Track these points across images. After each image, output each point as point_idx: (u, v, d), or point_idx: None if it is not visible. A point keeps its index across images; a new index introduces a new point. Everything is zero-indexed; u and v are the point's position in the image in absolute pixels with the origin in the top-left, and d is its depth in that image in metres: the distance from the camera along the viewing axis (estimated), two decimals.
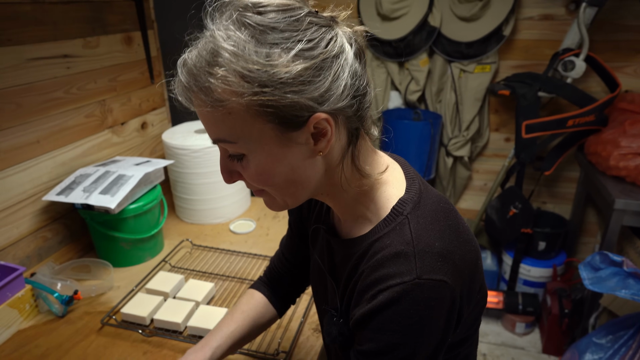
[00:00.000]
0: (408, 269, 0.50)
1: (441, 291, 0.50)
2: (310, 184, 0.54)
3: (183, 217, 1.48)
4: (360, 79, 0.51)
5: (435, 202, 0.57)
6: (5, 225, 1.09)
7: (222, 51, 0.46)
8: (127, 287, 1.14)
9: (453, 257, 0.52)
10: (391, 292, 0.50)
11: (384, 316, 0.50)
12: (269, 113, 0.47)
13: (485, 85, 2.08)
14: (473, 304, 0.56)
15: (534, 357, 1.97)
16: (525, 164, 2.00)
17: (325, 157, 0.53)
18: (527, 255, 2.11)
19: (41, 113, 1.15)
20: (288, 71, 0.46)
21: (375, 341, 0.52)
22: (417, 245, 0.51)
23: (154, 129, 1.58)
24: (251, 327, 0.80)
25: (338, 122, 0.51)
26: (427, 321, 0.50)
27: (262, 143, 0.49)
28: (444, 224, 0.54)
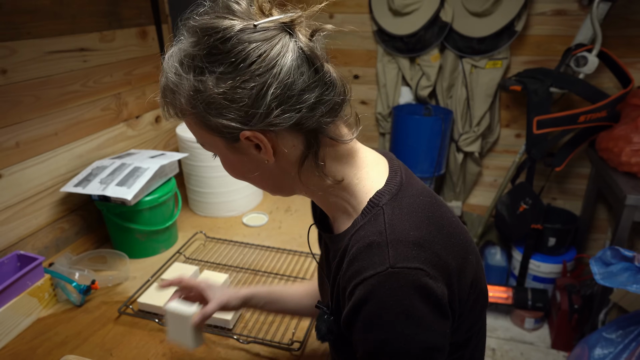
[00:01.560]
0: (381, 259, 0.49)
1: (419, 279, 0.48)
2: (273, 183, 0.59)
3: (196, 210, 1.50)
4: (303, 92, 0.50)
5: (415, 195, 0.56)
6: (24, 216, 1.11)
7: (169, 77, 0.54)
8: (142, 278, 1.16)
9: (432, 247, 0.50)
10: (366, 286, 0.49)
11: (365, 313, 0.49)
12: (210, 129, 0.54)
13: (497, 81, 2.08)
14: (466, 300, 0.54)
15: (543, 353, 1.97)
16: (536, 160, 2.00)
17: (279, 163, 0.56)
18: (537, 251, 2.11)
19: (59, 106, 1.17)
20: (211, 94, 0.50)
21: (366, 341, 0.51)
22: (390, 235, 0.50)
23: (168, 123, 1.60)
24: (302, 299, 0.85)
25: (277, 134, 0.53)
26: (411, 311, 0.48)
27: (218, 149, 0.57)
28: (422, 215, 0.53)
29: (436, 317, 0.50)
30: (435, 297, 0.49)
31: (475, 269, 0.56)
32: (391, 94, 2.26)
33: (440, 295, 0.49)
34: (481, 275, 0.58)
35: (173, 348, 0.94)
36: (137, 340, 0.96)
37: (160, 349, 0.94)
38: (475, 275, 0.56)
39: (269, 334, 0.97)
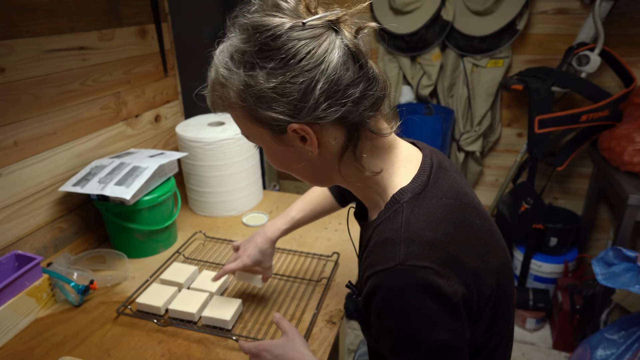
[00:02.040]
0: (392, 255, 0.52)
1: (426, 277, 0.49)
2: (315, 174, 0.62)
3: (196, 209, 1.49)
4: (348, 87, 0.52)
5: (439, 197, 0.57)
6: (22, 215, 1.11)
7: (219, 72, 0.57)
8: (141, 278, 1.16)
9: (447, 248, 0.51)
10: (376, 279, 0.52)
11: (375, 302, 0.53)
12: (258, 121, 0.56)
13: (498, 80, 2.07)
14: (487, 301, 0.55)
15: (544, 353, 1.97)
16: (537, 160, 1.99)
17: (322, 155, 0.59)
18: (538, 251, 2.10)
19: (57, 105, 1.17)
20: (260, 89, 0.53)
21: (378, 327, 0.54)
22: (404, 233, 0.53)
23: (168, 121, 1.59)
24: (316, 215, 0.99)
25: (322, 127, 0.55)
26: (415, 308, 0.49)
27: (264, 141, 0.60)
28: (440, 216, 0.55)
29: (447, 315, 0.51)
30: (444, 295, 0.50)
31: (498, 271, 0.57)
32: (392, 93, 2.25)
33: (451, 294, 0.50)
34: (507, 278, 0.59)
35: (172, 349, 0.94)
36: (135, 340, 0.96)
37: (158, 350, 0.93)
38: (498, 278, 0.56)
39: (268, 334, 0.96)
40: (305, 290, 1.09)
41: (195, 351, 0.93)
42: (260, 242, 0.95)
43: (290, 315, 1.02)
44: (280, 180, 2.64)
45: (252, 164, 1.47)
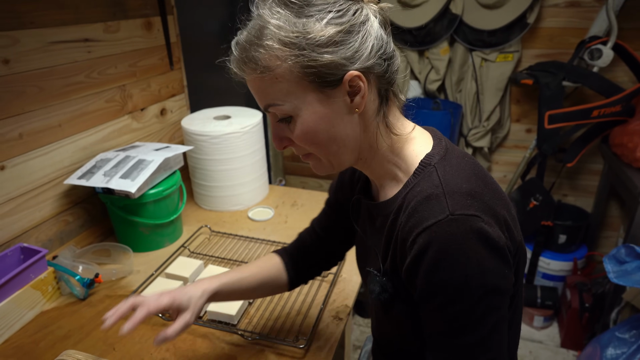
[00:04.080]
0: (440, 208, 0.54)
1: (477, 224, 0.52)
2: (349, 141, 0.60)
3: (201, 203, 1.48)
4: (386, 44, 0.58)
5: (461, 157, 0.62)
6: (28, 208, 1.10)
7: (268, 25, 0.55)
8: (146, 272, 1.15)
9: (483, 198, 0.55)
10: (429, 233, 0.53)
11: (428, 259, 0.53)
12: (309, 73, 0.55)
13: (507, 74, 2.04)
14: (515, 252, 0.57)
15: (552, 351, 1.94)
16: (547, 156, 1.96)
17: (361, 115, 0.60)
18: (547, 249, 2.07)
19: (63, 97, 1.16)
20: (322, 35, 0.54)
21: (429, 284, 0.54)
22: (446, 187, 0.56)
23: (173, 115, 1.58)
24: (260, 283, 0.84)
25: (370, 81, 0.58)
26: (471, 254, 0.51)
27: (306, 102, 0.57)
28: (469, 171, 0.59)
29: (496, 260, 0.53)
30: (493, 240, 0.52)
31: (517, 223, 0.60)
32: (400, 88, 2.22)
33: (498, 239, 0.53)
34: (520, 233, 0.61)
35: (176, 343, 0.93)
36: (140, 335, 0.95)
37: (163, 344, 0.92)
38: (518, 230, 0.60)
39: (274, 330, 0.95)
40: (311, 286, 1.08)
41: (201, 346, 0.92)
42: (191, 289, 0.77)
43: (296, 310, 1.01)
44: (286, 175, 2.63)
45: (258, 158, 1.46)
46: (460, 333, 0.55)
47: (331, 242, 0.88)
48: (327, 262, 0.92)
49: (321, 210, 0.90)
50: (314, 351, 0.91)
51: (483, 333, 0.54)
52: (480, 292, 0.52)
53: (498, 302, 0.54)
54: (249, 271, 0.84)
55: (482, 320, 0.54)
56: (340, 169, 0.65)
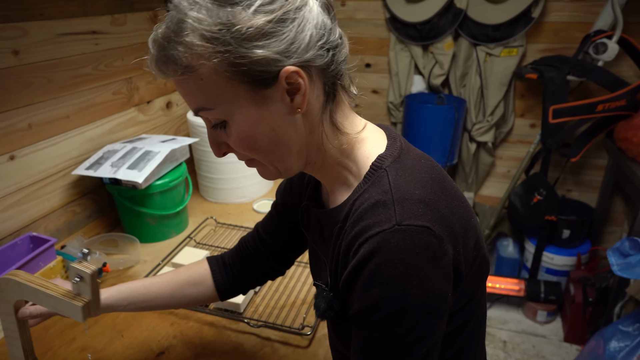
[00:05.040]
0: (387, 217, 0.48)
1: (425, 237, 0.47)
2: (293, 145, 0.54)
3: (207, 196, 1.49)
4: (330, 32, 0.51)
5: (417, 158, 0.56)
6: (36, 198, 1.12)
7: (186, 18, 0.47)
8: (153, 262, 1.16)
9: (437, 206, 0.50)
10: (371, 243, 0.48)
11: (368, 270, 0.48)
12: (238, 73, 0.47)
13: (512, 69, 2.04)
14: (470, 264, 0.53)
15: (555, 346, 1.95)
16: (551, 150, 1.96)
17: (305, 115, 0.53)
18: (551, 243, 2.08)
19: (71, 88, 1.17)
20: (250, 26, 0.46)
21: (364, 300, 0.49)
22: (396, 193, 0.50)
23: (179, 108, 1.59)
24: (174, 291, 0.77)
25: (312, 75, 0.51)
26: (414, 270, 0.46)
27: (239, 105, 0.50)
28: (426, 176, 0.53)
29: (439, 279, 0.48)
30: (439, 257, 0.48)
31: (477, 232, 0.55)
32: (403, 83, 2.23)
33: (445, 256, 0.48)
34: (482, 244, 0.56)
35: (183, 331, 0.94)
36: (147, 322, 0.96)
37: (170, 331, 0.94)
38: (477, 239, 0.54)
39: (279, 318, 0.96)
40: None
41: (207, 333, 0.93)
42: None
43: (301, 300, 1.02)
44: None
45: None
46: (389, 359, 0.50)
47: (277, 247, 0.79)
48: (272, 269, 0.82)
49: (267, 214, 0.82)
50: (319, 339, 0.92)
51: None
52: (418, 316, 0.47)
53: (434, 327, 0.49)
54: (162, 277, 0.77)
55: (414, 348, 0.49)
56: (289, 175, 0.58)
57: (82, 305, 0.63)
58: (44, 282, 0.67)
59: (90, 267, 0.63)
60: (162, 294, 0.76)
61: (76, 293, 0.65)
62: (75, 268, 0.63)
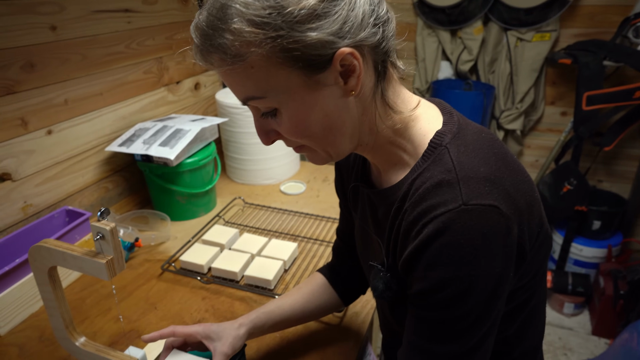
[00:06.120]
0: (452, 196, 0.46)
1: (493, 217, 0.45)
2: (346, 129, 0.52)
3: (234, 177, 1.50)
4: (378, 5, 0.48)
5: (477, 132, 0.53)
6: (72, 172, 1.14)
7: (231, 3, 0.44)
8: (184, 239, 1.17)
9: (503, 184, 0.47)
10: (437, 223, 0.46)
11: (432, 250, 0.46)
12: (291, 58, 0.45)
13: (544, 54, 1.98)
14: (534, 241, 0.51)
15: (582, 339, 1.90)
16: (583, 139, 1.90)
17: (357, 97, 0.51)
18: (580, 235, 2.02)
19: (104, 66, 1.18)
20: (302, 7, 0.43)
21: (426, 280, 0.48)
22: (460, 172, 0.48)
23: (207, 90, 1.60)
24: (304, 304, 0.78)
25: (364, 55, 0.48)
26: (481, 251, 0.45)
27: (291, 92, 0.47)
28: (488, 151, 0.50)
29: (504, 259, 0.46)
30: (505, 237, 0.46)
31: (541, 207, 0.53)
32: (430, 69, 2.19)
33: (510, 235, 0.46)
34: (544, 215, 0.54)
35: (215, 305, 0.95)
36: (180, 296, 0.97)
37: (202, 305, 0.95)
38: (541, 215, 0.52)
39: None
40: None
41: (238, 308, 0.93)
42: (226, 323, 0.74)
43: None
44: None
45: None
46: (448, 340, 0.49)
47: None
48: None
49: (339, 216, 0.81)
50: (350, 317, 0.91)
51: (471, 343, 0.48)
52: (482, 297, 0.46)
53: (494, 308, 0.48)
54: (290, 294, 0.79)
55: (473, 328, 0.48)
56: (340, 158, 0.56)
57: (106, 262, 0.65)
58: (70, 246, 0.69)
59: (110, 224, 0.64)
60: (295, 310, 0.77)
61: (98, 252, 0.67)
62: (95, 226, 0.64)
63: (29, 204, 1.05)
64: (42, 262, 0.71)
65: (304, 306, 0.78)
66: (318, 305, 0.80)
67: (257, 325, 0.74)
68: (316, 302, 0.79)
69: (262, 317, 0.75)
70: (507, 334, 0.56)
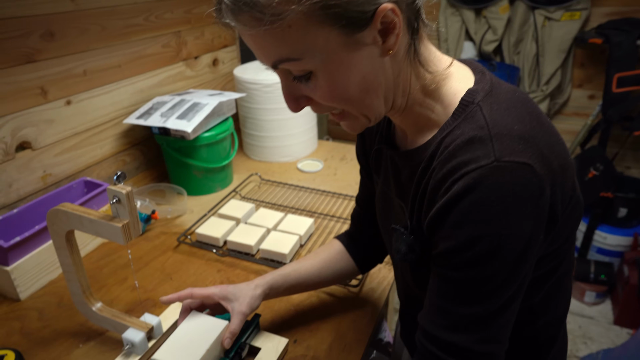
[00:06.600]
0: (485, 152, 0.44)
1: (526, 176, 0.43)
2: (382, 91, 0.50)
3: (251, 154, 1.49)
4: None
5: (511, 91, 0.51)
6: (90, 144, 1.14)
7: None
8: (200, 213, 1.17)
9: (537, 143, 0.45)
10: (467, 180, 0.44)
11: (460, 208, 0.44)
12: (331, 16, 0.42)
13: (573, 34, 1.90)
14: (566, 205, 0.48)
15: (604, 328, 1.86)
16: (611, 123, 1.83)
17: (393, 57, 0.49)
18: (604, 222, 1.96)
19: (123, 38, 1.17)
20: None
21: (453, 238, 0.46)
22: (493, 129, 0.46)
23: (225, 66, 1.58)
24: (321, 269, 0.78)
25: (402, 11, 0.46)
26: (512, 210, 0.43)
27: (330, 53, 0.45)
28: (522, 110, 0.48)
29: (535, 221, 0.44)
30: (537, 197, 0.44)
31: (574, 171, 0.50)
32: (453, 49, 2.13)
33: (543, 196, 0.44)
34: (577, 181, 0.52)
35: (230, 277, 0.94)
36: (195, 267, 0.97)
37: (217, 278, 0.94)
38: (574, 180, 0.50)
39: None
40: None
41: None
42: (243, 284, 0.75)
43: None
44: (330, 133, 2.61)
45: (308, 110, 1.43)
46: (473, 302, 0.47)
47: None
48: None
49: (359, 184, 0.80)
50: (366, 292, 0.90)
51: (496, 306, 0.47)
52: (510, 258, 0.45)
53: (521, 271, 0.46)
54: (307, 258, 0.79)
55: (500, 291, 0.46)
56: (377, 122, 0.54)
57: (121, 225, 0.65)
58: (87, 210, 0.68)
59: (126, 187, 0.64)
60: (311, 274, 0.77)
61: (115, 216, 0.67)
62: (111, 190, 0.64)
63: (48, 173, 1.05)
64: (60, 225, 0.71)
65: (320, 271, 0.78)
66: (334, 271, 0.79)
67: (273, 286, 0.74)
68: (333, 268, 0.79)
69: (278, 279, 0.75)
70: (532, 302, 0.54)
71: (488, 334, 0.47)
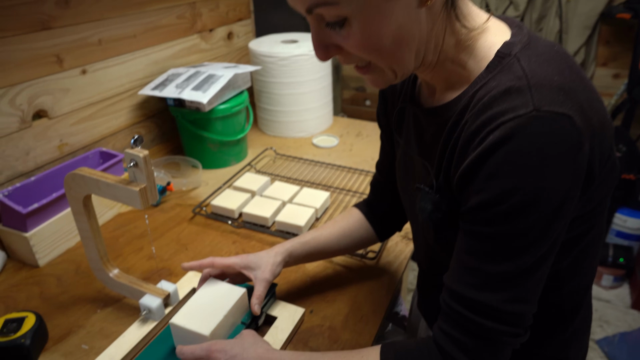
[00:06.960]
0: (523, 102, 0.42)
1: (566, 127, 0.41)
2: (415, 44, 0.48)
3: (266, 129, 1.47)
4: None
5: (549, 45, 0.49)
6: (106, 115, 1.13)
7: None
8: (215, 185, 1.17)
9: (577, 96, 0.43)
10: (504, 129, 0.42)
11: (495, 158, 0.42)
12: None
13: (599, 10, 1.82)
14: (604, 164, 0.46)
15: (621, 312, 1.83)
16: (637, 102, 1.77)
17: (429, 9, 0.47)
18: (625, 205, 1.91)
19: (137, 7, 1.16)
20: None
21: (485, 191, 0.44)
22: (532, 79, 0.43)
23: (240, 40, 1.56)
24: (340, 237, 0.77)
25: None
26: (550, 162, 0.41)
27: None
28: (562, 62, 0.46)
29: (572, 176, 0.42)
30: (576, 152, 0.42)
31: (612, 132, 0.48)
32: None
33: (581, 152, 0.42)
34: (614, 144, 0.49)
35: (245, 249, 0.94)
36: (210, 239, 0.97)
37: (232, 249, 0.94)
38: (612, 140, 0.48)
39: None
40: None
41: None
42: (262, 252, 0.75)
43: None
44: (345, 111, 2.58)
45: (324, 84, 1.41)
46: (504, 259, 0.45)
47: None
48: None
49: (380, 152, 0.78)
50: (383, 265, 0.89)
51: (528, 264, 0.44)
52: (545, 213, 0.42)
53: (556, 228, 0.44)
54: (326, 226, 0.78)
55: (532, 248, 0.44)
56: (404, 78, 0.52)
57: (139, 189, 0.64)
58: (104, 174, 0.68)
59: (143, 151, 0.63)
60: (330, 242, 0.77)
61: (132, 180, 0.66)
62: (129, 153, 0.63)
63: (65, 142, 1.05)
64: (77, 190, 0.71)
65: (339, 239, 0.77)
66: (353, 239, 0.78)
67: (293, 254, 0.74)
68: (352, 236, 0.78)
69: (297, 246, 0.75)
70: (559, 266, 0.52)
71: (518, 293, 0.46)
